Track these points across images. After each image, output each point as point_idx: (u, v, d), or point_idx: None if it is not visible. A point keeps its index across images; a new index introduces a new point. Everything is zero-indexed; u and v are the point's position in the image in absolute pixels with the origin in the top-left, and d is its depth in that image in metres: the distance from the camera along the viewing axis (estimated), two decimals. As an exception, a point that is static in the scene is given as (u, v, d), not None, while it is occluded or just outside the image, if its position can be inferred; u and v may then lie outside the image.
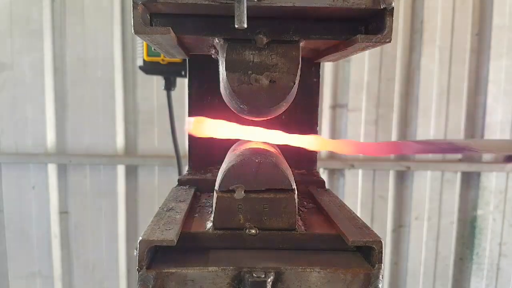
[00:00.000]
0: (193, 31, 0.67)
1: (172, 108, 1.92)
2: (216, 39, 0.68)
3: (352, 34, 0.67)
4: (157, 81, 2.64)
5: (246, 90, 0.67)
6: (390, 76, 2.77)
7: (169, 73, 1.76)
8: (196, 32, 0.68)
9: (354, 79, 2.77)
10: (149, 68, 1.66)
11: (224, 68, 0.67)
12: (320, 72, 1.04)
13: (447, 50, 2.75)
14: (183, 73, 1.68)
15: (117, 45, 2.70)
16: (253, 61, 0.67)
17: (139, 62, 1.65)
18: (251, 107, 0.68)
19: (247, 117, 0.75)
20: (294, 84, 0.67)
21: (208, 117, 0.77)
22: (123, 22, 2.70)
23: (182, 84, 1.88)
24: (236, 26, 0.57)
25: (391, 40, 0.62)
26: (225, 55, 0.67)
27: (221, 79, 0.71)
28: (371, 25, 0.66)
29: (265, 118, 0.76)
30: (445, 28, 2.73)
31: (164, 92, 1.85)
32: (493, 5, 2.69)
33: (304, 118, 1.05)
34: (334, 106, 2.82)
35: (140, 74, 1.95)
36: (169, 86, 1.81)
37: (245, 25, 0.57)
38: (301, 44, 0.69)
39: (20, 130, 2.74)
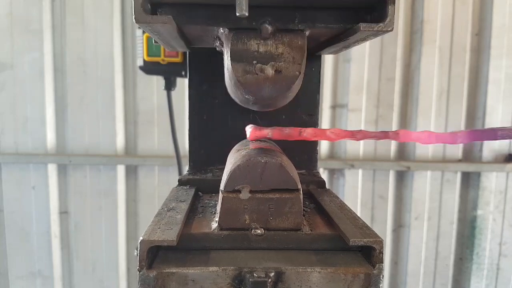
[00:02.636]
0: (197, 20, 0.66)
1: (172, 108, 1.91)
2: (221, 29, 0.67)
3: (359, 22, 0.66)
4: (157, 81, 2.65)
5: (251, 80, 0.66)
6: (390, 76, 2.77)
7: (169, 73, 1.76)
8: (200, 21, 0.66)
9: (354, 79, 2.77)
10: (149, 68, 1.65)
11: (229, 59, 0.66)
12: (320, 72, 1.05)
13: (447, 50, 2.75)
14: (183, 73, 1.68)
15: (117, 45, 2.70)
16: (258, 50, 0.66)
17: (139, 62, 1.65)
18: (256, 98, 0.67)
19: (252, 108, 0.74)
20: (300, 73, 0.66)
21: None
22: (123, 22, 2.70)
23: (182, 84, 1.88)
24: (237, 14, 0.56)
25: (393, 28, 0.62)
26: (230, 45, 0.66)
27: (225, 69, 0.71)
28: (374, 14, 0.66)
29: (270, 109, 0.75)
30: (445, 28, 2.73)
31: (164, 92, 1.85)
32: (493, 5, 2.69)
33: (304, 118, 1.05)
34: (334, 106, 2.82)
35: (140, 74, 1.95)
36: (169, 86, 1.81)
37: (246, 13, 0.56)
38: (307, 33, 0.68)
39: (20, 130, 2.74)
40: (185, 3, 0.65)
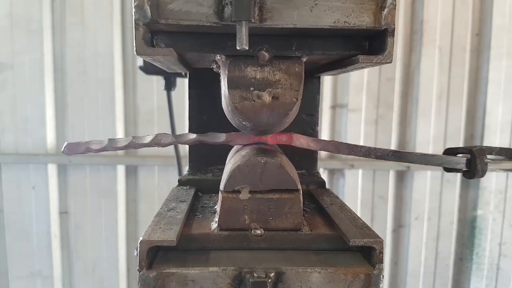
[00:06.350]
0: (194, 48, 0.67)
1: (172, 108, 1.92)
2: (218, 55, 0.68)
3: (356, 49, 0.67)
4: (157, 81, 2.64)
5: (248, 107, 0.66)
6: (390, 76, 2.77)
7: (169, 73, 1.76)
8: (197, 49, 0.67)
9: (354, 79, 2.77)
10: (149, 68, 1.66)
11: (226, 85, 0.66)
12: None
13: (447, 50, 2.75)
14: (183, 73, 1.68)
15: (117, 45, 2.70)
16: (255, 77, 0.66)
17: (139, 62, 1.65)
18: (254, 124, 0.67)
19: (249, 133, 0.75)
20: (297, 100, 0.66)
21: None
22: (123, 22, 2.70)
23: (182, 84, 1.88)
24: (237, 47, 0.57)
25: (392, 61, 0.62)
26: (227, 71, 0.66)
27: (223, 95, 0.70)
28: (374, 43, 0.66)
29: (267, 135, 0.76)
30: (445, 28, 2.73)
31: (164, 92, 1.85)
32: (493, 5, 2.69)
33: (304, 118, 1.05)
34: (334, 106, 2.82)
35: (140, 74, 1.95)
36: (169, 86, 1.82)
37: (247, 47, 0.57)
38: (304, 59, 0.68)
39: (20, 130, 2.74)
40: (182, 31, 0.65)
